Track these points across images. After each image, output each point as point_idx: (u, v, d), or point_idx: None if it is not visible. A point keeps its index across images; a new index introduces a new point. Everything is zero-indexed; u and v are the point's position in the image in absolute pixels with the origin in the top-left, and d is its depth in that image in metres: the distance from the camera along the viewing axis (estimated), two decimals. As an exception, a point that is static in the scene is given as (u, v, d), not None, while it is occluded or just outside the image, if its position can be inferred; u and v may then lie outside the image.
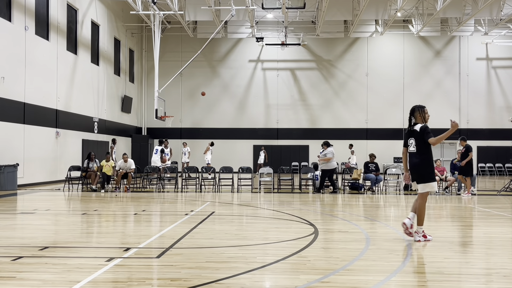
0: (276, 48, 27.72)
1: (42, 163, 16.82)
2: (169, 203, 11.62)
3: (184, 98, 28.06)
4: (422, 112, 6.49)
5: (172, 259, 5.18)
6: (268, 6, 23.31)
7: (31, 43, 16.12)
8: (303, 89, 28.02)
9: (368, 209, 10.33)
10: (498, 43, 27.46)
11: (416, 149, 6.31)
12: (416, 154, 6.31)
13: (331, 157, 13.71)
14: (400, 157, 26.97)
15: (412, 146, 6.37)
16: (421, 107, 6.55)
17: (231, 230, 7.26)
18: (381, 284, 4.26)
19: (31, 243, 6.09)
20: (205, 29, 26.11)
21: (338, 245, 6.01)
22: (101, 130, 22.23)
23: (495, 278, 4.59)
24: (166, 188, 15.16)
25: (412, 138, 6.38)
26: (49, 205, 10.68)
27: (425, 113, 6.49)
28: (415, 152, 6.32)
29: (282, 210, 9.69)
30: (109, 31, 23.30)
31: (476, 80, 27.61)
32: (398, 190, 14.66)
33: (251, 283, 4.29)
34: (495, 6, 22.06)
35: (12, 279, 4.38)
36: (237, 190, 14.54)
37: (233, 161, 23.73)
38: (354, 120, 27.73)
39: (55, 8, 17.81)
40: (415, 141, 6.33)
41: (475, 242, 6.47)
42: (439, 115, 27.45)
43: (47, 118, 17.19)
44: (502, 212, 9.54)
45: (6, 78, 14.71)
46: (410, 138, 6.40)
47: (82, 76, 20.19)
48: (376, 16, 23.47)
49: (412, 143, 6.37)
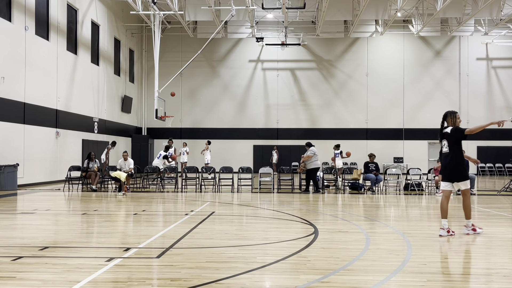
0: (276, 48, 27.71)
1: (42, 163, 16.82)
2: (169, 203, 11.62)
3: (184, 98, 28.05)
4: (453, 117, 6.86)
5: (172, 259, 5.18)
6: (268, 6, 23.30)
7: (31, 43, 16.12)
8: (303, 89, 28.02)
9: (368, 209, 10.33)
10: (498, 43, 27.46)
11: (449, 149, 6.72)
12: (449, 154, 6.71)
13: (310, 155, 13.89)
14: (400, 157, 27.04)
15: (445, 147, 6.78)
16: (453, 112, 6.94)
17: (231, 230, 7.26)
18: (381, 284, 4.27)
19: (31, 243, 6.09)
20: (205, 29, 26.11)
21: (338, 245, 6.01)
22: (101, 130, 22.23)
23: (495, 278, 4.59)
24: (166, 188, 15.16)
25: (444, 140, 6.80)
26: (49, 205, 10.68)
27: (456, 118, 6.86)
28: (448, 152, 6.73)
29: (282, 210, 9.70)
30: (109, 31, 23.30)
31: (476, 80, 27.61)
32: (398, 190, 14.66)
33: (251, 283, 4.29)
34: (495, 6, 22.06)
35: (12, 279, 4.38)
36: (237, 190, 14.54)
37: (233, 161, 23.73)
38: (354, 120, 27.73)
39: (55, 8, 17.81)
40: (447, 142, 6.74)
41: (475, 242, 6.47)
42: (439, 115, 27.45)
43: (47, 118, 17.19)
44: (502, 212, 9.54)
45: (6, 78, 14.71)
46: (443, 140, 6.84)
47: (82, 76, 20.19)
48: (376, 16, 23.48)
49: (444, 144, 6.79)
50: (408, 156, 26.99)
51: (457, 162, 6.65)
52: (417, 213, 9.79)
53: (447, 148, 6.73)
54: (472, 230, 6.77)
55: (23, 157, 15.50)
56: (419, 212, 9.87)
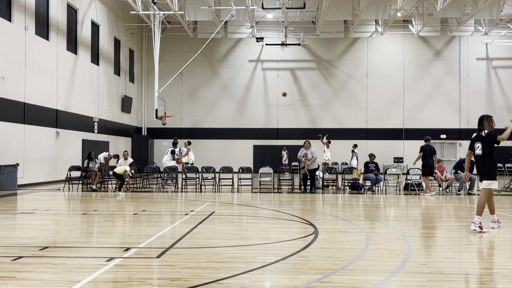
0: (276, 48, 27.71)
1: (42, 163, 16.82)
2: (169, 203, 11.62)
3: (184, 98, 28.06)
4: (489, 121, 7.28)
5: (172, 259, 5.18)
6: (268, 6, 23.30)
7: (31, 43, 16.12)
8: (303, 89, 28.02)
9: (368, 209, 10.33)
10: (498, 43, 27.46)
11: (482, 152, 7.21)
12: (482, 156, 7.22)
13: (316, 157, 14.00)
14: (400, 157, 27.05)
15: (479, 149, 7.26)
16: (489, 116, 7.32)
17: (231, 230, 7.26)
18: (381, 284, 4.27)
19: (31, 243, 6.09)
20: (205, 29, 26.11)
21: (338, 245, 6.01)
22: (101, 130, 22.23)
23: (495, 278, 4.59)
24: (166, 188, 15.16)
25: (478, 143, 7.27)
26: (49, 205, 10.68)
27: (492, 122, 7.29)
28: (481, 154, 7.23)
29: (282, 210, 9.70)
30: (109, 31, 23.30)
31: (476, 80, 27.61)
32: (398, 190, 14.66)
33: (251, 283, 4.29)
34: (495, 6, 22.06)
35: (12, 279, 4.38)
36: (237, 190, 14.54)
37: (233, 161, 23.75)
38: (354, 120, 27.73)
39: (55, 8, 17.81)
40: (481, 145, 7.22)
41: (475, 242, 6.47)
42: (439, 115, 27.60)
43: (47, 118, 17.19)
44: (502, 212, 9.53)
45: (6, 78, 14.71)
46: (477, 143, 7.29)
47: (82, 76, 20.19)
48: (376, 16, 23.47)
49: (478, 146, 7.27)
50: (408, 156, 26.97)
51: (487, 163, 7.16)
52: (417, 213, 9.79)
53: (480, 150, 7.23)
54: (479, 227, 7.02)
55: (23, 157, 15.50)
56: (419, 212, 9.87)
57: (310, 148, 14.12)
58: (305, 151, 14.10)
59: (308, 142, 14.31)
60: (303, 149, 14.18)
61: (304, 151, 14.12)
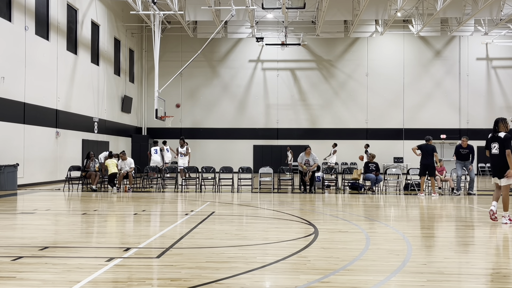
0: (276, 48, 27.71)
1: (42, 163, 16.82)
2: (169, 203, 11.62)
3: (184, 98, 28.06)
4: (505, 123, 7.94)
5: (172, 259, 5.18)
6: (268, 6, 23.29)
7: (31, 43, 16.12)
8: (303, 89, 28.02)
9: (368, 209, 10.32)
10: (498, 43, 27.45)
11: (499, 152, 7.83)
12: (499, 155, 7.84)
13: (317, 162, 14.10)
14: (400, 157, 27.06)
15: (495, 149, 7.91)
16: (504, 119, 8.00)
17: (231, 230, 7.26)
18: (381, 284, 4.26)
19: (31, 243, 6.09)
20: (205, 29, 26.10)
21: (338, 245, 6.01)
22: (101, 130, 22.23)
23: (495, 278, 4.59)
24: (166, 188, 15.16)
25: (495, 143, 7.91)
26: (49, 205, 10.68)
27: (507, 124, 7.94)
28: (498, 154, 7.86)
29: (282, 210, 9.70)
30: (109, 31, 23.30)
31: (476, 80, 27.61)
32: (398, 190, 14.65)
33: (251, 283, 4.29)
34: (495, 6, 22.06)
35: (12, 279, 4.38)
36: (237, 190, 14.54)
37: (233, 161, 23.75)
38: (354, 120, 27.73)
39: (55, 8, 17.80)
40: (498, 145, 7.86)
41: (475, 242, 6.47)
42: (439, 115, 27.59)
43: (47, 118, 17.19)
44: (502, 212, 9.53)
45: (6, 78, 14.71)
46: (494, 143, 7.94)
47: (82, 76, 20.19)
48: (376, 16, 23.47)
49: (495, 146, 7.92)
50: (408, 156, 26.94)
51: (504, 163, 7.73)
52: (417, 213, 9.79)
53: (497, 150, 7.86)
54: (509, 220, 7.76)
55: (23, 157, 15.50)
56: (419, 212, 9.87)
57: (311, 154, 13.95)
58: (306, 157, 13.96)
59: (309, 148, 14.20)
60: (304, 155, 14.03)
61: (305, 157, 13.97)
